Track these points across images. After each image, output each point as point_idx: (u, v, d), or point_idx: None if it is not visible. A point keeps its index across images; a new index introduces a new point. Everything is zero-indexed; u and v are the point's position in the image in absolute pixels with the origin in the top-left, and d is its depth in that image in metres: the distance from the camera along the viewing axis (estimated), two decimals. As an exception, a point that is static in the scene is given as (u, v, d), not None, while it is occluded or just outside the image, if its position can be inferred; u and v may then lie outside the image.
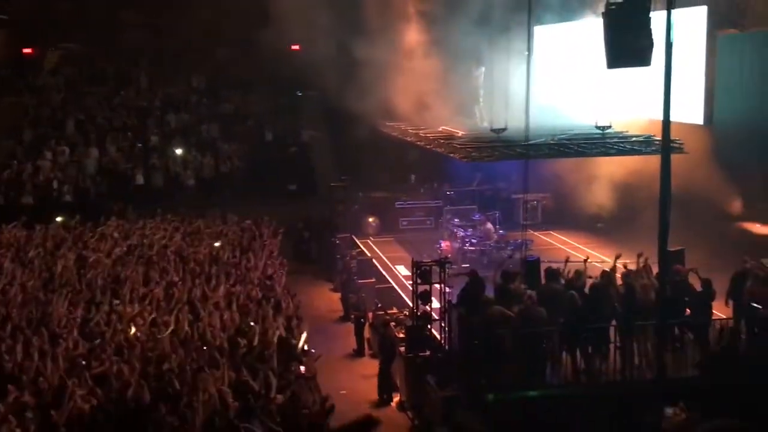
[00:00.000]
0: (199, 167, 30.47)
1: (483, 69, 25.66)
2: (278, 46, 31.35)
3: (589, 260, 15.59)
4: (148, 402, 10.79)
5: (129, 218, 23.42)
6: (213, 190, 29.62)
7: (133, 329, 13.74)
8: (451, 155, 21.50)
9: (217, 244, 20.32)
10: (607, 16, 11.75)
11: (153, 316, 14.41)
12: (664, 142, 11.13)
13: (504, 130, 20.01)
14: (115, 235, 20.96)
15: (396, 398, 16.08)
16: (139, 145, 30.81)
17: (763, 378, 12.55)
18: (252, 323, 14.09)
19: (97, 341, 13.03)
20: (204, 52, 35.52)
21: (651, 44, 11.38)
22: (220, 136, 32.19)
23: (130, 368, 11.68)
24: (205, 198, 28.25)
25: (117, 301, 15.27)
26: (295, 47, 33.30)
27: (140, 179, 29.67)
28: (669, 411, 11.31)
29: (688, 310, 13.86)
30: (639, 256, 14.65)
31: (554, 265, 14.84)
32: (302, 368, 12.83)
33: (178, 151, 30.52)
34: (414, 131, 25.30)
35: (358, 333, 19.14)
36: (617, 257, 14.88)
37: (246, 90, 34.28)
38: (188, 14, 36.93)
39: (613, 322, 13.60)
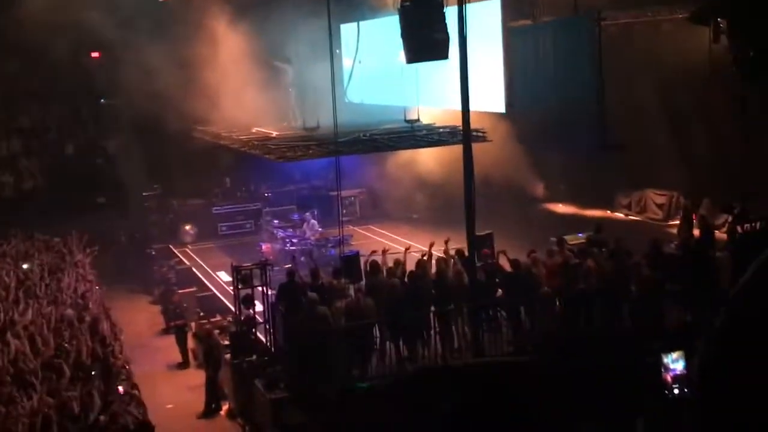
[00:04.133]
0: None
1: (288, 68, 25.63)
2: (76, 54, 30.09)
3: (409, 250, 15.98)
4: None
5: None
6: (15, 209, 27.93)
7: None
8: (266, 156, 21.40)
9: (25, 266, 19.23)
10: (403, 12, 12.06)
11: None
12: (465, 132, 11.57)
13: (317, 128, 20.15)
14: None
15: (225, 407, 15.87)
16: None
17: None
18: (66, 344, 13.45)
19: None
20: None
21: (447, 38, 11.80)
22: (19, 152, 30.40)
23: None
24: (8, 217, 26.60)
25: None
26: (95, 54, 32.03)
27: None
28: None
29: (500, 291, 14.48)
30: (446, 242, 15.17)
31: (373, 258, 15.11)
32: (120, 388, 12.40)
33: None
34: (227, 134, 24.96)
35: (182, 344, 18.71)
36: (431, 245, 15.34)
37: (44, 102, 32.53)
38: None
39: (432, 309, 14.02)
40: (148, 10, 29.40)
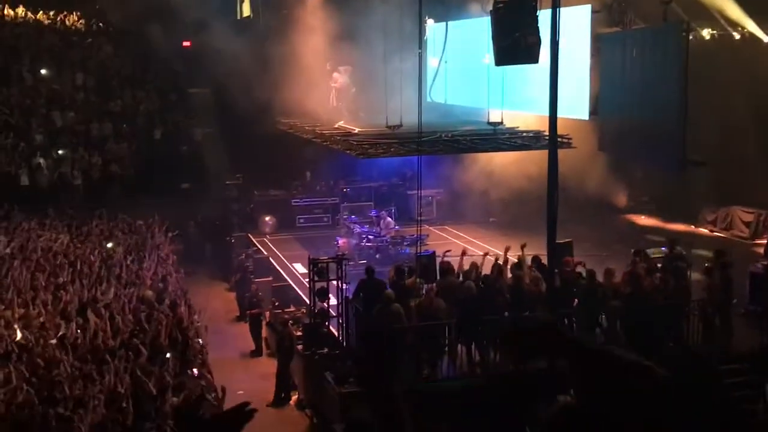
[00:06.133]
0: (87, 167, 29.54)
1: (343, 73, 25.71)
2: (169, 41, 30.83)
3: (487, 255, 15.87)
4: (38, 409, 10.43)
5: (14, 220, 22.53)
6: (102, 191, 28.76)
7: (20, 334, 13.24)
8: (348, 152, 21.53)
9: (109, 245, 19.80)
10: (495, 14, 11.98)
11: (41, 320, 13.92)
12: (551, 138, 11.43)
13: (399, 126, 20.17)
14: (1, 237, 20.13)
15: (294, 397, 16.03)
16: (23, 144, 29.64)
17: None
18: (144, 325, 13.79)
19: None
20: (90, 48, 34.49)
21: (538, 42, 11.68)
22: (109, 135, 31.29)
23: (17, 374, 11.27)
24: (94, 199, 27.41)
25: (2, 306, 14.67)
26: (187, 43, 32.76)
27: (25, 180, 28.57)
28: (561, 399, 11.61)
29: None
30: (522, 247, 14.98)
31: (450, 259, 15.07)
32: (195, 371, 12.65)
33: (62, 151, 29.51)
34: (310, 128, 25.21)
35: (256, 332, 18.99)
36: (507, 250, 15.18)
37: (135, 87, 33.43)
38: (74, 8, 35.86)
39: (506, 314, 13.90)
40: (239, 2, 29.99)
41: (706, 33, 21.30)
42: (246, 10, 31.10)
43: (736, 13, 20.08)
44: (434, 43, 25.34)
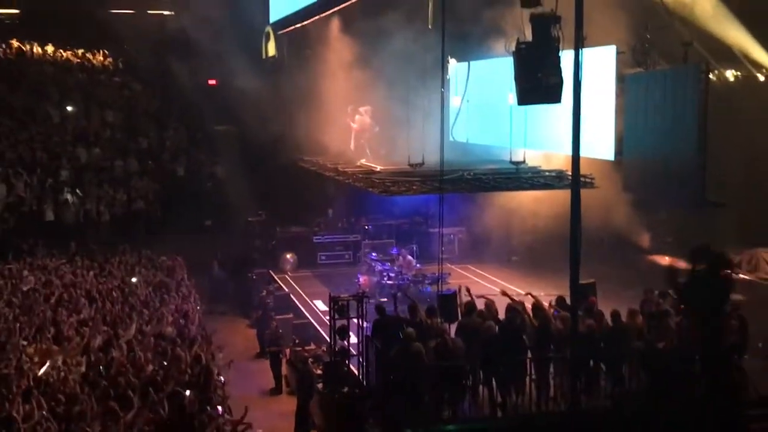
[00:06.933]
0: (112, 203, 29.83)
1: (364, 113, 25.81)
2: (195, 80, 31.26)
3: (505, 293, 15.75)
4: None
5: (39, 255, 22.74)
6: (126, 227, 29.01)
7: (42, 369, 13.29)
8: (370, 190, 21.61)
9: (133, 280, 19.93)
10: (517, 54, 12.02)
11: (63, 356, 13.97)
12: (574, 177, 11.40)
13: (421, 164, 20.24)
14: (24, 273, 20.32)
15: (314, 436, 15.92)
16: (50, 180, 30.02)
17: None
18: (165, 362, 13.80)
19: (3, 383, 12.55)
20: (118, 85, 35.02)
21: (561, 82, 11.70)
22: (134, 172, 31.63)
23: (39, 409, 11.28)
24: (118, 234, 27.65)
25: (24, 342, 14.74)
26: (212, 82, 33.21)
27: (50, 215, 28.88)
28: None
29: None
30: (553, 296, 14.86)
31: (472, 298, 14.97)
32: (219, 408, 12.62)
33: (87, 187, 29.84)
34: (332, 165, 25.35)
35: (276, 370, 18.92)
36: (529, 293, 15.06)
37: (161, 124, 33.84)
38: (102, 46, 36.48)
39: (529, 354, 13.77)
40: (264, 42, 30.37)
41: (730, 74, 21.28)
42: (271, 50, 31.51)
43: (760, 54, 20.08)
44: (456, 82, 25.47)
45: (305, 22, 28.44)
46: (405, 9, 23.96)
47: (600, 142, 20.15)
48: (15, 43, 35.88)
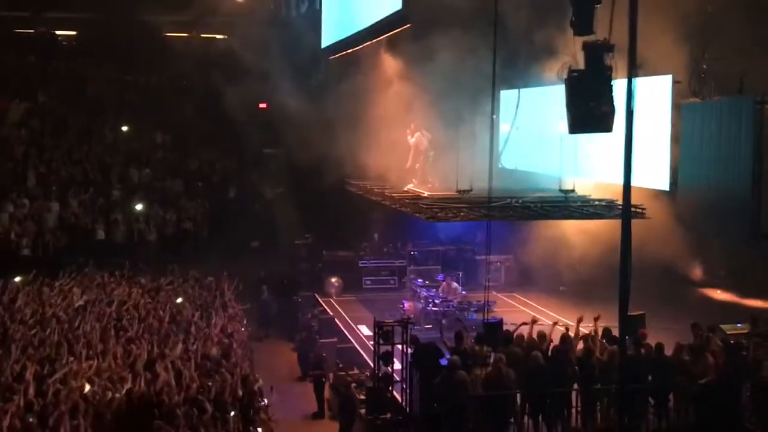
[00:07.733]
0: (161, 223, 30.22)
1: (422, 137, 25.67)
2: (246, 103, 31.61)
3: (557, 324, 15.56)
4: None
5: (89, 273, 23.06)
6: (175, 246, 29.34)
7: (89, 387, 13.41)
8: (417, 215, 21.55)
9: (179, 300, 20.06)
10: (569, 82, 11.91)
11: (109, 373, 14.09)
12: (625, 207, 11.20)
13: (469, 191, 20.15)
14: (75, 290, 20.60)
15: (355, 461, 15.81)
16: (101, 199, 30.54)
17: None
18: (209, 383, 13.83)
19: (51, 399, 12.68)
20: (171, 107, 35.59)
21: (612, 111, 11.54)
22: (183, 192, 32.04)
23: (84, 427, 11.37)
24: (167, 254, 27.96)
25: (72, 358, 14.91)
26: (263, 105, 33.57)
27: (101, 234, 29.35)
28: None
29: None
30: (596, 319, 14.66)
31: (520, 328, 14.81)
32: (260, 430, 12.59)
33: (139, 207, 30.27)
34: (380, 190, 25.35)
35: (319, 394, 18.87)
36: (579, 321, 14.87)
37: (212, 146, 34.28)
38: (156, 68, 37.20)
39: (575, 386, 13.55)
40: (318, 67, 30.59)
41: None
42: (321, 73, 31.77)
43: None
44: (506, 109, 25.36)
45: (356, 48, 28.62)
46: (455, 33, 23.96)
47: (654, 172, 19.91)
48: (73, 65, 36.76)
